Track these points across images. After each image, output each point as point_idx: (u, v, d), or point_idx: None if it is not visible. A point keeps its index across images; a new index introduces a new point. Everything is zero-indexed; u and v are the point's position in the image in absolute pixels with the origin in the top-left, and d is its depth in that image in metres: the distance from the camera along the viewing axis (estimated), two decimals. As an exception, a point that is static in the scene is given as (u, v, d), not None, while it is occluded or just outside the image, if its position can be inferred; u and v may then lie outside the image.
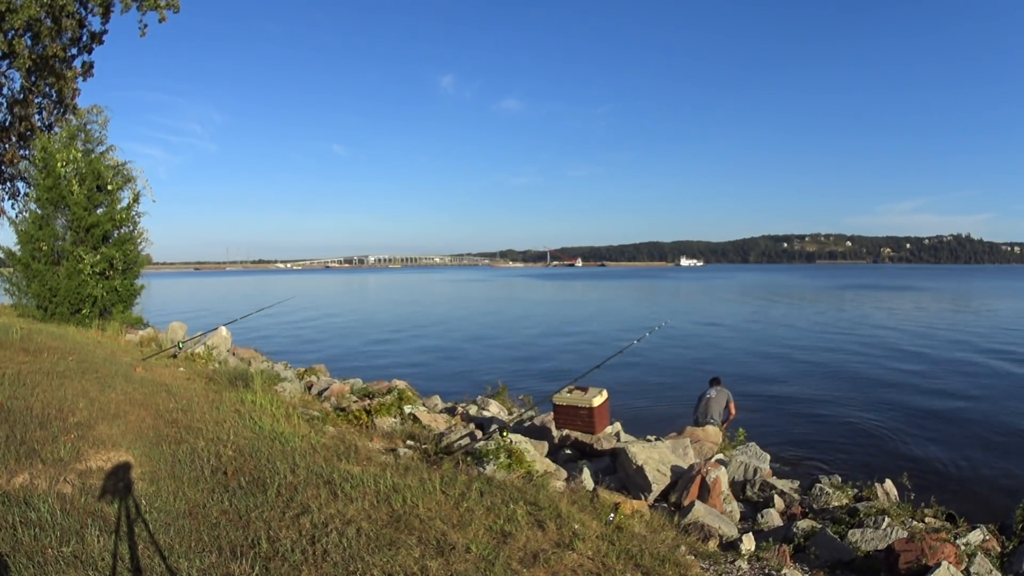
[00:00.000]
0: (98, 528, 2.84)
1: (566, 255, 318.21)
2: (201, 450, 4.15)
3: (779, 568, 3.93)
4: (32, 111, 14.77)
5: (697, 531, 4.70)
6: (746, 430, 7.98)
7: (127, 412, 4.81)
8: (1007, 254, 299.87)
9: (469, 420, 8.09)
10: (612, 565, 3.09)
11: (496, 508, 3.60)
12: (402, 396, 8.31)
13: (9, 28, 12.26)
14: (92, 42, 14.38)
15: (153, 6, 13.21)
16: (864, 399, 12.41)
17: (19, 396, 4.67)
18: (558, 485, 4.95)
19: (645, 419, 10.16)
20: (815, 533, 4.84)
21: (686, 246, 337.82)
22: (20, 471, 3.31)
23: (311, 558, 2.83)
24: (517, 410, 9.23)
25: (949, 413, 11.20)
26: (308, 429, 5.13)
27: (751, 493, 6.56)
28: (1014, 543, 4.90)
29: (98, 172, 11.08)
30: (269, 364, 11.65)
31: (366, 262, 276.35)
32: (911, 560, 4.06)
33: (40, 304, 10.72)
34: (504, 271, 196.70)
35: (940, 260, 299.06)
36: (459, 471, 4.39)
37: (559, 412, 6.79)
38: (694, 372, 15.17)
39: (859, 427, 10.35)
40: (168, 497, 3.37)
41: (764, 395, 12.91)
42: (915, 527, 4.90)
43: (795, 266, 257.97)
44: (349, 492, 3.64)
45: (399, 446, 5.48)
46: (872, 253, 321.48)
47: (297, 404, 6.61)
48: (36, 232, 10.76)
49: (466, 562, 2.93)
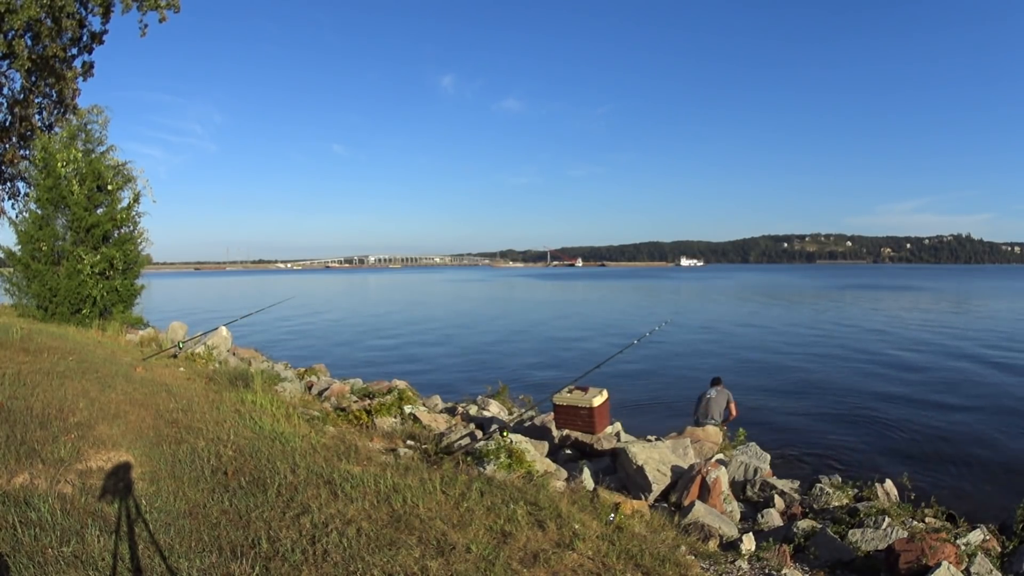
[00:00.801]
0: (98, 528, 2.84)
1: (566, 255, 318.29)
2: (201, 450, 4.15)
3: (779, 568, 3.93)
4: (32, 111, 14.78)
5: (697, 531, 4.70)
6: (746, 430, 7.99)
7: (127, 412, 4.81)
8: (1007, 254, 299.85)
9: (469, 420, 8.09)
10: (612, 565, 3.09)
11: (496, 508, 3.60)
12: (402, 396, 8.32)
13: (9, 28, 12.26)
14: (92, 42, 14.39)
15: (153, 6, 13.22)
16: (864, 399, 12.41)
17: (19, 396, 4.67)
18: (558, 485, 4.95)
19: (645, 419, 10.16)
20: (815, 533, 4.84)
21: (686, 246, 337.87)
22: (20, 471, 3.31)
23: (311, 558, 2.83)
24: (517, 410, 9.24)
25: (949, 413, 11.19)
26: (308, 429, 5.13)
27: (751, 493, 6.56)
28: (1014, 543, 4.91)
29: (98, 172, 11.09)
30: (269, 364, 11.65)
31: (366, 262, 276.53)
32: (911, 560, 4.06)
33: (40, 304, 10.72)
34: (504, 271, 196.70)
35: (940, 260, 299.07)
36: (459, 471, 4.39)
37: (559, 412, 6.80)
38: (694, 372, 15.16)
39: (859, 427, 10.35)
40: (168, 497, 3.37)
41: (764, 395, 12.91)
42: (915, 527, 4.90)
43: (795, 266, 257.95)
44: (349, 492, 3.63)
45: (399, 446, 5.49)
46: (872, 253, 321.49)
47: (297, 404, 6.61)
48: (36, 232, 10.76)
49: (466, 562, 2.93)
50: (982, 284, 74.13)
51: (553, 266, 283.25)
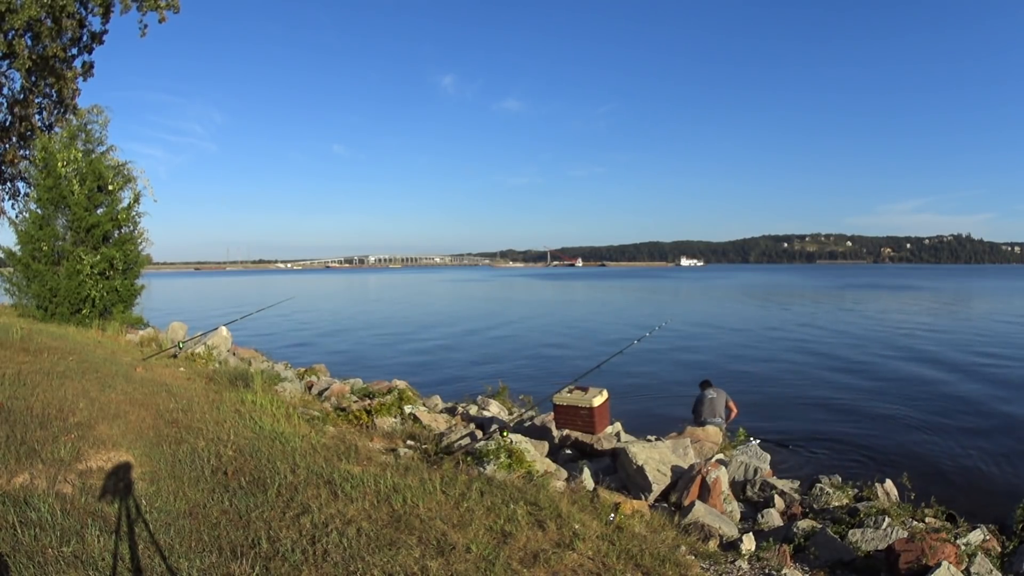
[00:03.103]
0: (98, 528, 2.84)
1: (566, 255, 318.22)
2: (201, 450, 4.15)
3: (779, 568, 3.93)
4: (32, 111, 14.78)
5: (697, 531, 4.70)
6: (746, 430, 7.99)
7: (127, 412, 4.81)
8: (1007, 254, 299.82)
9: (469, 420, 8.08)
10: (612, 565, 3.09)
11: (496, 508, 3.60)
12: (402, 396, 8.31)
13: (9, 28, 12.27)
14: (92, 42, 14.40)
15: (153, 6, 13.23)
16: (864, 399, 12.41)
17: (19, 396, 4.67)
18: (558, 485, 4.94)
19: (645, 419, 10.15)
20: (815, 533, 4.83)
21: (686, 246, 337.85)
22: (20, 471, 3.30)
23: (311, 558, 2.83)
24: (517, 410, 9.23)
25: (949, 413, 11.18)
26: (308, 429, 5.13)
27: (751, 493, 6.56)
28: (1014, 543, 4.90)
29: (99, 172, 11.09)
30: (269, 364, 11.64)
31: (366, 262, 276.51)
32: (911, 560, 4.06)
33: (40, 304, 10.72)
34: (504, 271, 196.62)
35: (940, 260, 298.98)
36: (459, 471, 4.39)
37: (559, 412, 6.79)
38: (694, 372, 15.12)
39: (859, 427, 10.34)
40: (168, 497, 3.37)
41: (764, 395, 12.91)
42: (915, 527, 4.89)
43: (795, 266, 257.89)
44: (349, 492, 3.63)
45: (399, 446, 5.48)
46: (872, 253, 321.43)
47: (297, 404, 6.61)
48: (36, 232, 10.76)
49: (466, 562, 2.92)
50: (982, 284, 74.10)
51: (553, 266, 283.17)
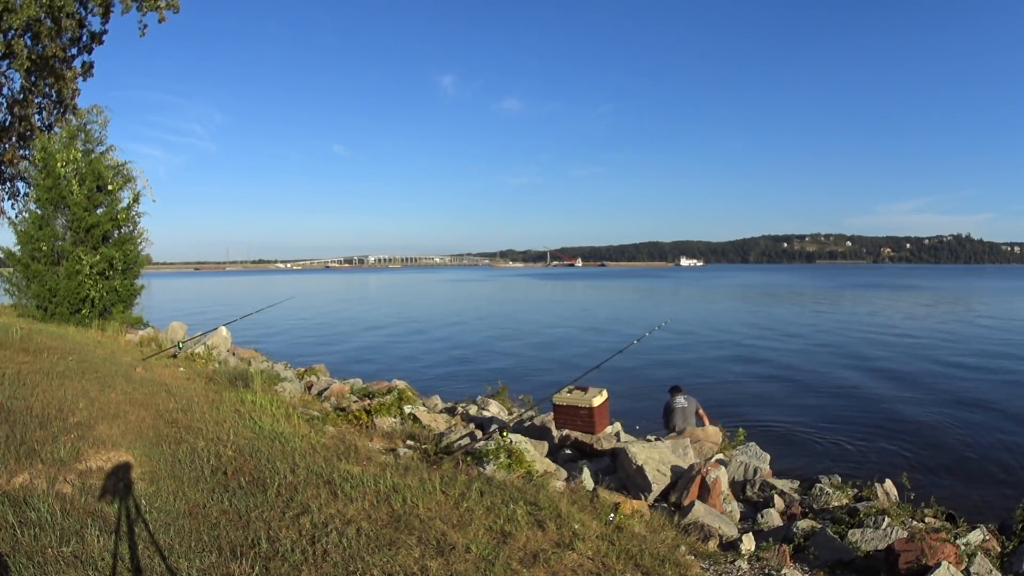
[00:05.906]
0: (98, 528, 2.84)
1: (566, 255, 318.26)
2: (201, 450, 4.15)
3: (779, 568, 3.93)
4: (32, 111, 14.77)
5: (697, 531, 4.70)
6: (746, 430, 7.98)
7: (127, 412, 4.81)
8: (1007, 254, 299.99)
9: (469, 420, 8.08)
10: (612, 565, 3.09)
11: (496, 508, 3.60)
12: (402, 396, 8.31)
13: (9, 28, 12.26)
14: (92, 42, 14.39)
15: (153, 6, 13.22)
16: (864, 399, 12.41)
17: (19, 396, 4.67)
18: (558, 485, 4.94)
19: (645, 419, 10.14)
20: (815, 533, 4.83)
21: (686, 246, 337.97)
22: (20, 471, 3.30)
23: (311, 558, 2.83)
24: (517, 410, 9.23)
25: (949, 413, 11.19)
26: (308, 429, 5.13)
27: (751, 493, 6.56)
28: (1014, 543, 4.90)
29: (98, 172, 11.07)
30: (269, 364, 11.63)
31: (366, 262, 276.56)
32: (911, 560, 4.06)
33: (40, 304, 10.71)
34: (504, 271, 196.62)
35: (940, 260, 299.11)
36: (459, 471, 4.38)
37: (559, 412, 6.79)
38: (694, 372, 15.15)
39: (859, 427, 10.34)
40: (168, 497, 3.37)
41: (764, 395, 12.91)
42: (915, 527, 4.89)
43: (795, 266, 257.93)
44: (349, 492, 3.63)
45: (399, 446, 5.48)
46: (872, 253, 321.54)
47: (297, 404, 6.61)
48: (36, 232, 10.75)
49: (466, 562, 2.92)
50: (982, 284, 74.10)
51: (553, 266, 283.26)
